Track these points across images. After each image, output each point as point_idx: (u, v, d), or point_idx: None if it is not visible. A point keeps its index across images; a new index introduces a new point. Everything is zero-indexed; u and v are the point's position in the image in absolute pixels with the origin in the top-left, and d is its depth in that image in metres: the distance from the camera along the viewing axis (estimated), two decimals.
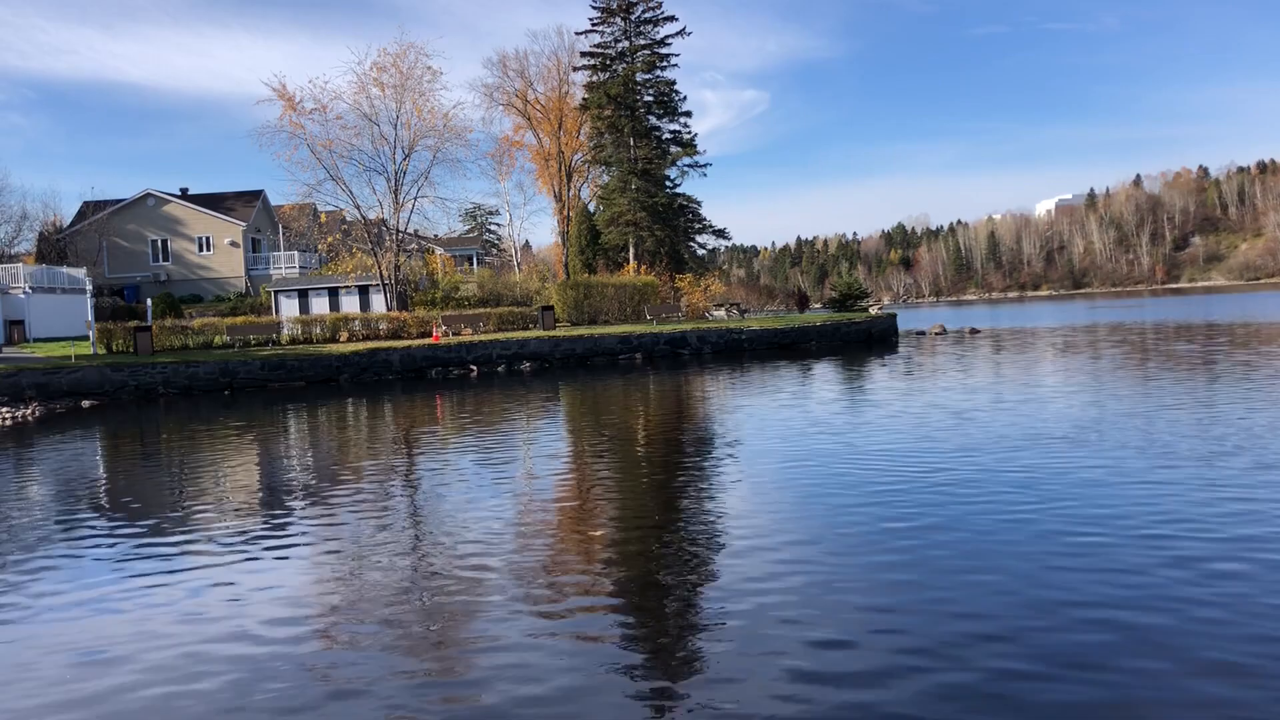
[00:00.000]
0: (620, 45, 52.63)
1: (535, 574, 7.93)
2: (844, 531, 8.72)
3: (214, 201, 59.66)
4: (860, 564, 7.72)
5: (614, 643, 6.31)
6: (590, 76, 53.26)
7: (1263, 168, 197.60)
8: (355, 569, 8.42)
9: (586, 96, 53.47)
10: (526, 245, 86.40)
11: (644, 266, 49.53)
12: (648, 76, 52.06)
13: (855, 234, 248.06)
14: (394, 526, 10.09)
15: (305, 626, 6.86)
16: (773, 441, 14.72)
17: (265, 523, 10.61)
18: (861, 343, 40.70)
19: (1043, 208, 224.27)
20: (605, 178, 56.32)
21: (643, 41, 52.44)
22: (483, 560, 8.35)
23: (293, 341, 38.00)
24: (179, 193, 59.51)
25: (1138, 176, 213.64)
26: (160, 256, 57.79)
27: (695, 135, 53.39)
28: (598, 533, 9.37)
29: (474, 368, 34.71)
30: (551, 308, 41.77)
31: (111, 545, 9.77)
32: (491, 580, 7.73)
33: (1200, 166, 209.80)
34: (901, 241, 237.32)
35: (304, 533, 9.99)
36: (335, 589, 7.83)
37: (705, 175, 60.01)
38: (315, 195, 44.67)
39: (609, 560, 8.33)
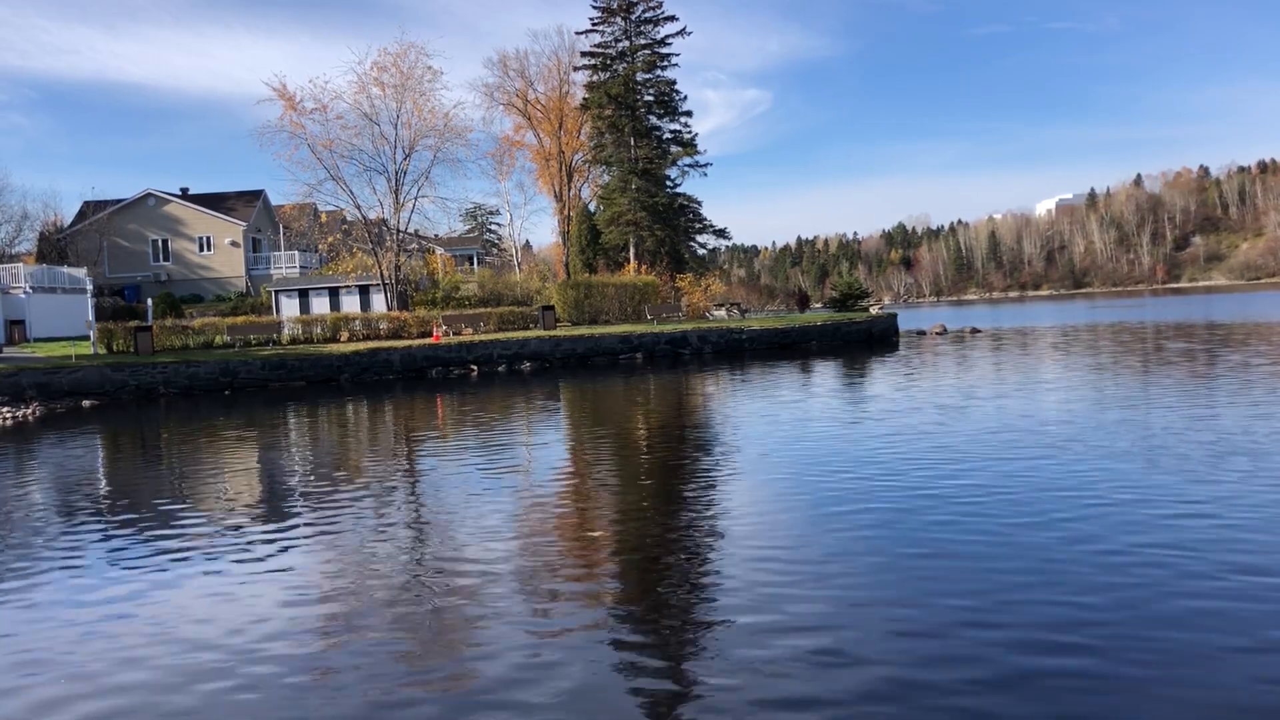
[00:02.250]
0: (621, 45, 52.62)
1: (537, 568, 7.93)
2: (843, 525, 8.73)
3: (214, 201, 59.67)
4: (859, 556, 7.73)
5: (615, 633, 6.32)
6: (591, 76, 53.26)
7: (1263, 167, 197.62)
8: (357, 565, 8.42)
9: (587, 96, 53.47)
10: (527, 245, 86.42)
11: (644, 266, 49.51)
12: (648, 76, 52.05)
13: (856, 234, 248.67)
14: (395, 524, 10.08)
15: (306, 620, 6.86)
16: (772, 440, 14.71)
17: (266, 521, 10.60)
18: (862, 342, 40.69)
19: (1043, 207, 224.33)
20: (606, 177, 56.30)
21: (643, 41, 52.43)
22: (484, 558, 8.34)
23: (293, 341, 38.01)
24: (179, 193, 59.53)
25: (1138, 176, 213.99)
26: (161, 256, 57.81)
27: (696, 135, 53.45)
28: (598, 529, 9.37)
29: (474, 367, 34.71)
30: (552, 307, 41.78)
31: (111, 542, 9.77)
32: (493, 576, 7.72)
33: (1201, 166, 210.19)
34: (902, 241, 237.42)
35: (305, 530, 9.97)
36: (337, 585, 7.82)
37: (706, 175, 59.97)
38: (315, 195, 44.71)
39: (609, 554, 8.35)
